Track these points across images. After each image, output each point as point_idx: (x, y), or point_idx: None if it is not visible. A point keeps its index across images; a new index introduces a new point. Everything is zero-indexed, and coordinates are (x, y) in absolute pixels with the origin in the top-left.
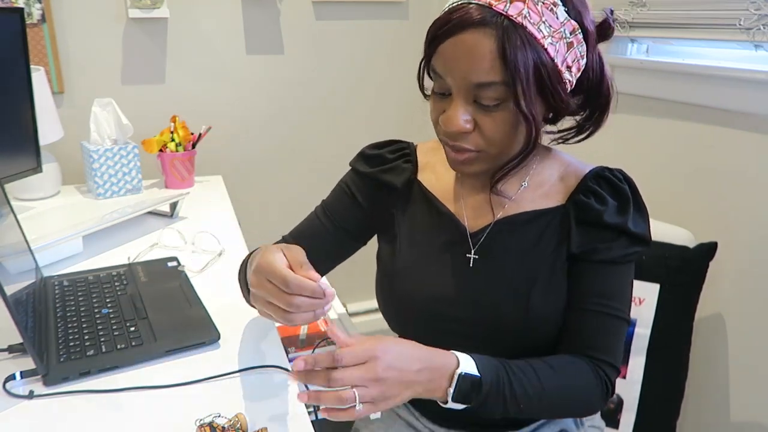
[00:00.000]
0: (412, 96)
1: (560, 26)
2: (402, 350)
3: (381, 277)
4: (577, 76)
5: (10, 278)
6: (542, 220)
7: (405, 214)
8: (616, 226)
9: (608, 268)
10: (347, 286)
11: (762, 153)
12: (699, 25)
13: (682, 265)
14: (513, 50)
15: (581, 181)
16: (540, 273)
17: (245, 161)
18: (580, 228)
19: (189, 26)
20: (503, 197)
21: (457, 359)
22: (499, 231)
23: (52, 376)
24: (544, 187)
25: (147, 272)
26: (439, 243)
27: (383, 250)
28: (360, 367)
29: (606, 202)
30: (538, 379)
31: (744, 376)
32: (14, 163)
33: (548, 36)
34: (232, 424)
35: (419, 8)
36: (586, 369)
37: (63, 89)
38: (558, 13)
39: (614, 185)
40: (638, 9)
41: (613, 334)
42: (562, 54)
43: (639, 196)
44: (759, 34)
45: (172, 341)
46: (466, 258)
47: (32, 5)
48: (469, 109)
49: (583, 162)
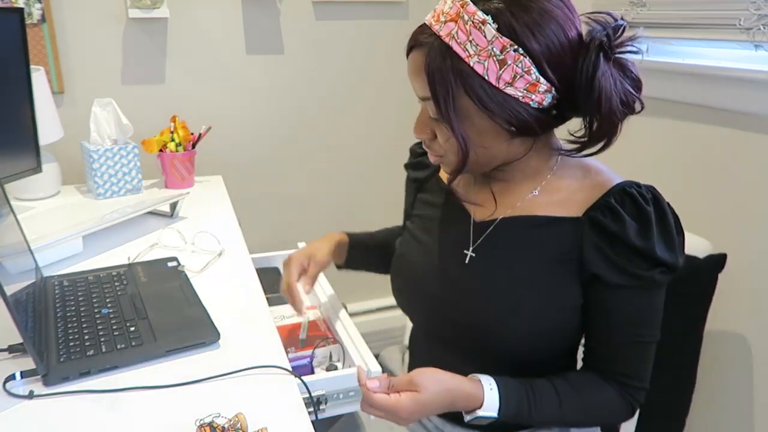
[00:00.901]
0: (412, 96)
1: (487, 44)
2: (425, 405)
3: (394, 260)
4: (545, 90)
5: (10, 278)
6: (553, 228)
7: (422, 205)
8: (642, 249)
9: (637, 294)
10: (347, 286)
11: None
12: (699, 25)
13: (689, 276)
14: (433, 67)
15: (603, 195)
16: (537, 280)
17: (245, 161)
18: (597, 246)
19: (189, 26)
20: (513, 196)
21: (482, 401)
22: (503, 229)
23: (52, 376)
24: (560, 193)
25: (147, 272)
26: (447, 233)
27: (402, 236)
28: (386, 414)
29: (624, 223)
30: (558, 404)
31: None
32: (14, 163)
33: (474, 54)
34: (232, 424)
35: (419, 8)
36: (608, 389)
37: (63, 89)
38: (486, 32)
39: (639, 205)
40: (638, 9)
41: (643, 360)
42: (495, 71)
43: (667, 216)
44: (759, 34)
45: (172, 341)
46: (463, 254)
47: (32, 5)
48: (429, 120)
49: (614, 172)
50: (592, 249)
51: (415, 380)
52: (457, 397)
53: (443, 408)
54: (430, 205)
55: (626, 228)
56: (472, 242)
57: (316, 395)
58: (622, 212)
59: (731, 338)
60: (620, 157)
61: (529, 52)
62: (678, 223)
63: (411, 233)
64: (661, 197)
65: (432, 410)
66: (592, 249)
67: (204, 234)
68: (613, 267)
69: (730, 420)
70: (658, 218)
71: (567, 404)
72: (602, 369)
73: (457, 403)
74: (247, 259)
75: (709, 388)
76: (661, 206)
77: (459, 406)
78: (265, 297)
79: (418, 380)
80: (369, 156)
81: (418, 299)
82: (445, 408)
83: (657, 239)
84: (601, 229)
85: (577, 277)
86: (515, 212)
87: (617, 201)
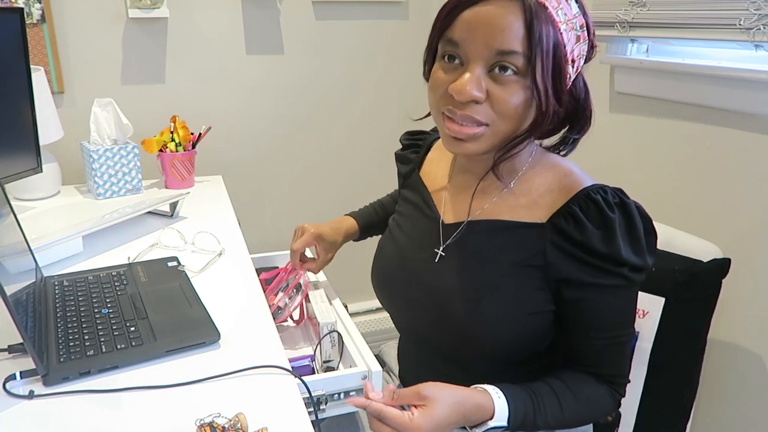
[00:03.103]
0: (411, 96)
1: (573, 17)
2: (439, 421)
3: (374, 257)
4: (573, 77)
5: (10, 278)
6: (517, 233)
7: (402, 202)
8: (606, 255)
9: (605, 296)
10: (348, 286)
11: (763, 153)
12: (699, 25)
13: (690, 281)
14: (539, 24)
15: (568, 201)
16: (499, 281)
17: (245, 161)
18: (562, 252)
19: (189, 26)
20: (486, 197)
21: (493, 411)
22: (470, 231)
23: (52, 376)
24: (530, 195)
25: (147, 272)
26: (418, 232)
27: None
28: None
29: (586, 231)
30: (560, 409)
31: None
32: (14, 163)
33: (564, 22)
34: (232, 424)
35: (419, 8)
36: (599, 387)
37: (63, 89)
38: (572, 5)
39: (602, 212)
40: (638, 9)
41: (623, 356)
42: (572, 44)
43: (634, 219)
44: (759, 34)
45: (172, 341)
46: (434, 252)
47: (32, 5)
48: (483, 79)
49: (585, 174)
50: (557, 254)
51: (424, 393)
52: (469, 409)
53: (456, 422)
54: (407, 201)
55: (589, 236)
56: (442, 242)
57: (316, 395)
58: (584, 220)
59: (735, 343)
60: (620, 157)
61: (590, 38)
62: (648, 223)
63: (390, 229)
64: (628, 200)
65: (446, 426)
66: (558, 254)
67: (204, 234)
68: (580, 271)
69: (732, 426)
70: (625, 222)
71: (567, 407)
72: (587, 371)
73: (469, 416)
74: (247, 259)
75: (711, 394)
76: (628, 210)
77: (471, 419)
78: (265, 297)
79: (427, 393)
80: (369, 155)
81: (394, 296)
82: (458, 422)
83: (623, 243)
84: (565, 236)
85: (543, 283)
86: (482, 215)
87: (582, 208)
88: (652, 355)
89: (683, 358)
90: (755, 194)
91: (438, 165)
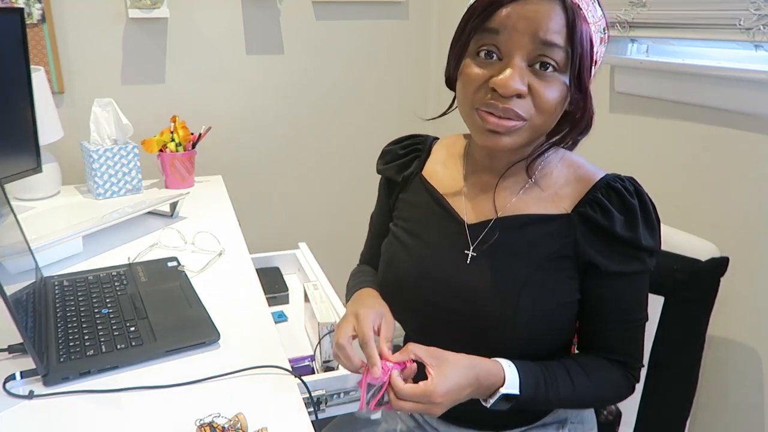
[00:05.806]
0: (412, 96)
1: (599, 19)
2: (455, 382)
3: (381, 266)
4: (589, 80)
5: (10, 278)
6: (544, 226)
7: (405, 206)
8: (630, 241)
9: (626, 282)
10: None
11: (763, 154)
12: (699, 25)
13: (689, 280)
14: (580, 23)
15: (590, 190)
16: (533, 275)
17: (245, 161)
18: (589, 240)
19: (189, 26)
20: (508, 193)
21: (503, 377)
22: (498, 229)
23: (52, 376)
24: (550, 189)
25: (147, 272)
26: (437, 236)
27: (387, 239)
28: (417, 404)
29: (612, 218)
30: (572, 386)
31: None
32: (14, 163)
33: (592, 23)
34: (232, 424)
35: (419, 8)
36: (614, 369)
37: (63, 89)
38: (597, 8)
39: (624, 199)
40: (638, 9)
41: (639, 341)
42: (596, 44)
43: (648, 206)
44: (759, 34)
45: (172, 341)
46: (464, 254)
47: (32, 5)
48: (525, 73)
49: (594, 166)
50: (586, 241)
51: (436, 352)
52: (481, 373)
53: (470, 385)
54: (413, 205)
55: (614, 221)
56: (471, 242)
57: (316, 395)
58: (610, 207)
59: (734, 342)
60: (620, 156)
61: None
62: (655, 210)
63: (397, 237)
64: (642, 188)
65: (462, 389)
66: (587, 241)
67: (204, 234)
68: (607, 257)
69: (731, 424)
70: (641, 209)
71: (579, 385)
72: (597, 349)
73: (482, 380)
74: (247, 259)
75: (710, 392)
76: (643, 197)
77: (484, 384)
78: (265, 297)
79: (440, 353)
80: (369, 155)
81: (417, 304)
82: (472, 385)
83: (642, 229)
84: (592, 224)
85: (574, 272)
86: (507, 212)
87: (604, 195)
88: (652, 354)
89: (683, 356)
90: (754, 194)
91: (444, 166)
